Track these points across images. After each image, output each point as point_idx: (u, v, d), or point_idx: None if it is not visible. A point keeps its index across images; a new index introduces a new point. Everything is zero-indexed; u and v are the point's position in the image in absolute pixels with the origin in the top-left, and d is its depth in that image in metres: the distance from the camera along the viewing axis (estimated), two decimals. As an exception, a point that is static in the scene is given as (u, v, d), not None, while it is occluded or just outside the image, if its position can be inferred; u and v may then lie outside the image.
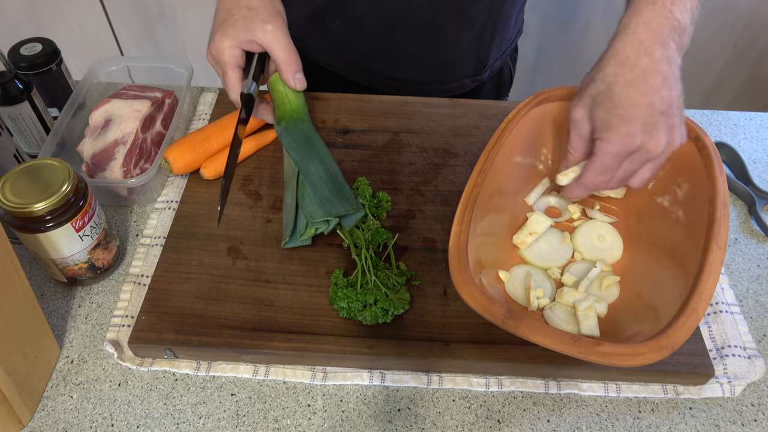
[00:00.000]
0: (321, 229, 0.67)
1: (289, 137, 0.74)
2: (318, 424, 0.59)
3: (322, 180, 0.70)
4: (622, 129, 0.57)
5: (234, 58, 0.68)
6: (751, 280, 0.70)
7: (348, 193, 0.69)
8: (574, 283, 0.65)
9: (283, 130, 0.75)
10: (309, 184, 0.70)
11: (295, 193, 0.70)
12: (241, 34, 0.67)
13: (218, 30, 0.68)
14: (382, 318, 0.61)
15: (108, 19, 1.60)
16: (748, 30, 1.59)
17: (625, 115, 0.57)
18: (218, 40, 0.68)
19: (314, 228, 0.67)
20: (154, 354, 0.62)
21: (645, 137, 0.57)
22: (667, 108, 0.57)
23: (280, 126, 0.75)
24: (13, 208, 0.57)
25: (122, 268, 0.70)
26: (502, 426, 0.59)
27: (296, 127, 0.75)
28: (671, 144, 0.58)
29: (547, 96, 0.71)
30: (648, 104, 0.56)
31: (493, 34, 0.88)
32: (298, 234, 0.67)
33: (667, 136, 0.57)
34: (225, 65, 0.68)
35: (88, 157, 0.73)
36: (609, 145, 0.58)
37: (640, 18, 0.58)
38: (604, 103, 0.58)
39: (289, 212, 0.69)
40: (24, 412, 0.57)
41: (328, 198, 0.68)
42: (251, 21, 0.67)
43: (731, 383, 0.61)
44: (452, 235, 0.58)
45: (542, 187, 0.73)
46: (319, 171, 0.71)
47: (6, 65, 0.74)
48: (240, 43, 0.68)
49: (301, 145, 0.74)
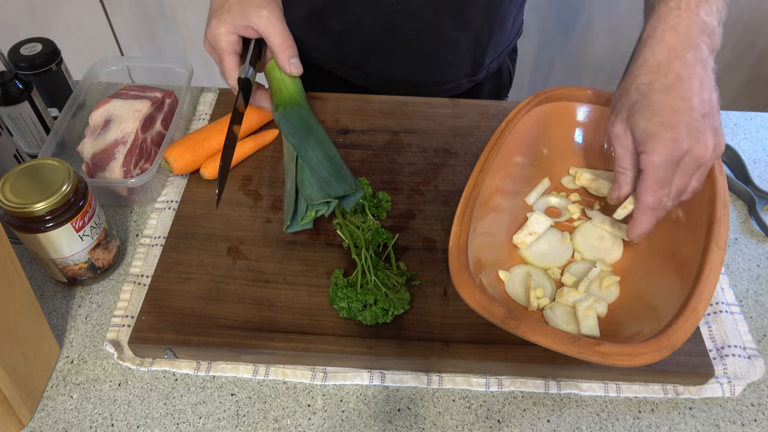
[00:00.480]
0: (321, 211, 0.67)
1: (287, 122, 0.74)
2: (318, 424, 0.59)
3: (321, 162, 0.70)
4: (666, 136, 0.54)
5: (230, 44, 0.68)
6: (751, 280, 0.70)
7: (347, 174, 0.69)
8: (574, 283, 0.65)
9: (281, 116, 0.75)
10: (308, 167, 0.70)
11: (295, 177, 0.70)
12: (237, 20, 0.67)
13: (214, 16, 0.68)
14: (382, 318, 0.61)
15: (108, 19, 1.61)
16: (748, 30, 1.59)
17: (668, 122, 0.54)
18: (214, 26, 0.68)
19: (314, 211, 0.66)
20: (154, 354, 0.62)
21: (692, 142, 0.53)
22: (708, 111, 0.54)
23: (277, 112, 0.76)
24: (13, 208, 0.57)
25: (122, 268, 0.70)
26: (502, 426, 0.59)
27: (294, 112, 0.75)
28: (718, 147, 0.55)
29: (547, 96, 0.71)
30: (689, 108, 0.53)
31: (489, 35, 0.88)
32: (299, 218, 0.67)
33: (714, 139, 0.54)
34: (222, 51, 0.68)
35: (88, 157, 0.73)
36: (655, 156, 0.54)
37: (666, 24, 0.55)
38: (643, 112, 0.55)
39: (289, 197, 0.69)
40: (24, 412, 0.57)
41: (327, 180, 0.68)
42: (247, 7, 0.67)
43: (731, 383, 0.61)
44: (452, 235, 0.58)
45: (542, 187, 0.73)
46: (317, 154, 0.71)
47: (6, 65, 0.74)
48: (236, 28, 0.68)
49: (299, 129, 0.74)
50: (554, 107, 0.71)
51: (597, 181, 0.71)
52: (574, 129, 0.74)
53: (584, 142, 0.74)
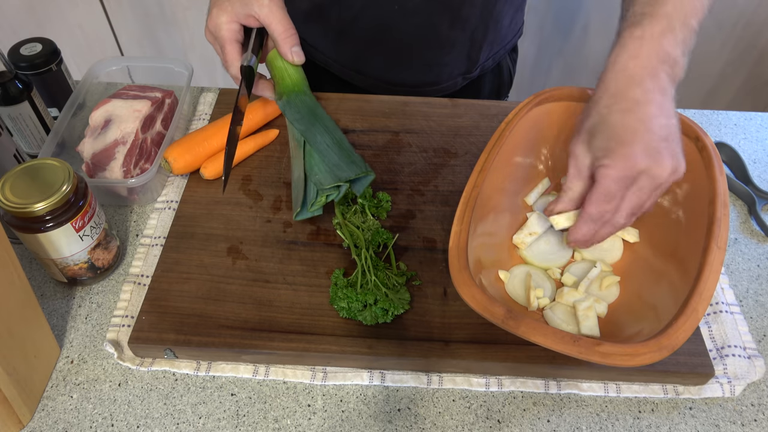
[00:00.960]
0: (332, 196, 0.67)
1: (292, 109, 0.74)
2: (318, 424, 0.59)
3: (329, 147, 0.70)
4: (622, 151, 0.54)
5: (232, 32, 0.68)
6: (751, 280, 0.70)
7: (356, 158, 0.69)
8: (574, 283, 0.65)
9: (286, 104, 0.75)
10: (316, 152, 0.70)
11: (303, 165, 0.70)
12: (238, 8, 0.67)
13: (215, 5, 0.68)
14: (382, 318, 0.61)
15: (108, 19, 1.60)
16: (748, 30, 1.59)
17: (626, 140, 0.54)
18: (215, 15, 0.68)
19: (325, 196, 0.67)
20: (154, 354, 0.62)
21: (649, 161, 0.54)
22: (667, 135, 0.54)
23: (282, 100, 0.75)
24: (13, 208, 0.57)
25: (122, 268, 0.70)
26: (502, 426, 0.59)
27: (298, 99, 0.75)
28: (677, 171, 0.55)
29: (547, 96, 0.71)
30: (647, 130, 0.54)
31: (485, 34, 0.88)
32: (309, 204, 0.67)
33: (672, 162, 0.54)
34: (223, 40, 0.68)
35: (88, 157, 0.73)
36: (610, 169, 0.54)
37: (628, 53, 0.57)
38: (603, 133, 0.56)
39: (298, 185, 0.69)
40: (24, 412, 0.57)
41: (336, 164, 0.68)
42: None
43: (731, 383, 0.61)
44: (452, 235, 0.58)
45: (542, 187, 0.73)
46: (325, 139, 0.71)
47: (6, 65, 0.74)
48: (237, 17, 0.68)
49: (305, 115, 0.74)
50: (554, 107, 0.71)
51: (597, 181, 0.71)
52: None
53: (584, 142, 0.74)
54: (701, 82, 1.73)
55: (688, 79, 0.57)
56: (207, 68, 1.71)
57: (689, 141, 0.67)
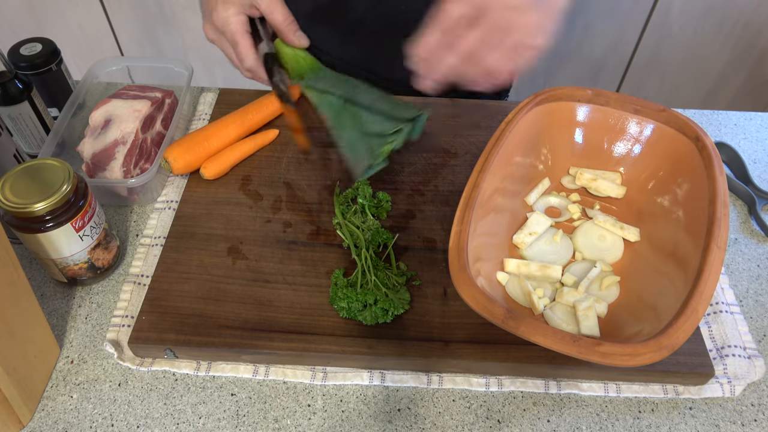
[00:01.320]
0: (395, 142, 0.71)
1: (324, 82, 0.75)
2: (318, 424, 0.59)
3: (378, 99, 0.73)
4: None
5: (242, 24, 0.68)
6: (751, 280, 0.70)
7: (405, 102, 0.73)
8: (574, 283, 0.65)
9: (312, 81, 0.75)
10: (368, 108, 0.72)
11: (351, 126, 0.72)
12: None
13: (218, 2, 0.68)
14: (382, 318, 0.61)
15: (108, 19, 1.61)
16: (748, 30, 1.59)
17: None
18: (222, 9, 0.68)
19: (389, 142, 0.70)
20: (154, 354, 0.62)
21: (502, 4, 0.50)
22: None
23: (304, 80, 0.75)
24: (13, 208, 0.57)
25: (122, 268, 0.70)
26: (502, 426, 0.59)
27: (322, 73, 0.76)
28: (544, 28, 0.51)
29: (547, 96, 0.71)
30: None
31: None
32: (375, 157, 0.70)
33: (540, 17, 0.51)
34: (234, 33, 0.68)
35: (88, 157, 0.73)
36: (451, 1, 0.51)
37: None
38: None
39: (353, 145, 0.71)
40: (24, 412, 0.57)
41: (391, 111, 0.72)
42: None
43: (731, 383, 0.61)
44: (452, 235, 0.58)
45: (542, 187, 0.73)
46: (371, 95, 0.73)
47: (6, 65, 0.74)
48: (243, 8, 0.68)
49: (339, 82, 0.75)
50: (554, 107, 0.71)
51: (597, 181, 0.71)
52: (574, 129, 0.74)
53: (584, 142, 0.74)
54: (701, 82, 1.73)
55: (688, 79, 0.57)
56: (207, 68, 1.71)
57: (689, 141, 0.67)
